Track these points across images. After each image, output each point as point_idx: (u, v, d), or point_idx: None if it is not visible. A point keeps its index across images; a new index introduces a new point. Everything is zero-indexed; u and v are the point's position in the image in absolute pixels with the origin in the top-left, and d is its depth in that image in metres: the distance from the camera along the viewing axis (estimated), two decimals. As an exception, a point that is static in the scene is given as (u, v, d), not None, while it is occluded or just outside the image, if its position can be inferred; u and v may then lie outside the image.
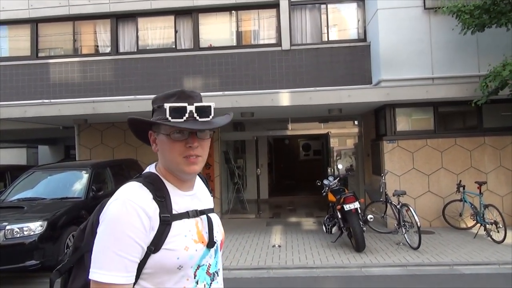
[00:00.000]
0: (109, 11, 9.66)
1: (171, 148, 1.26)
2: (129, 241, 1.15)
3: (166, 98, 1.29)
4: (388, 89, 7.71)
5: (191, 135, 1.26)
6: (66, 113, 8.13)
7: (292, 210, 11.06)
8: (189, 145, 1.25)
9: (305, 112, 9.03)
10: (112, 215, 1.17)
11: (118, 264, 1.13)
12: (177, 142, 1.25)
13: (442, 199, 7.99)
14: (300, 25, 9.60)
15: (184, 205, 1.30)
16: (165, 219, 1.21)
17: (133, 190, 1.23)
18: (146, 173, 1.33)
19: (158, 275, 1.21)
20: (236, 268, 5.94)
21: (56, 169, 7.46)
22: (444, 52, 8.08)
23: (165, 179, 1.30)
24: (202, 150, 1.29)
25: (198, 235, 1.29)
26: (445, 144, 8.10)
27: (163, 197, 1.25)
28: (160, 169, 1.33)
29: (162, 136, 1.28)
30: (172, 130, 1.25)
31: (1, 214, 5.95)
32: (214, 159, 9.73)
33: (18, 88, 9.81)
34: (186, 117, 1.23)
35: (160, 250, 1.19)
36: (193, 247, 1.25)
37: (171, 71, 9.50)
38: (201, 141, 1.28)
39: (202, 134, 1.29)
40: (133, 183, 1.27)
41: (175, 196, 1.29)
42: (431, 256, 6.07)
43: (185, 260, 1.22)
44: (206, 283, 1.30)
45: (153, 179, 1.29)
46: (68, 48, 10.17)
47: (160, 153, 1.31)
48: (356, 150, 10.50)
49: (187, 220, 1.28)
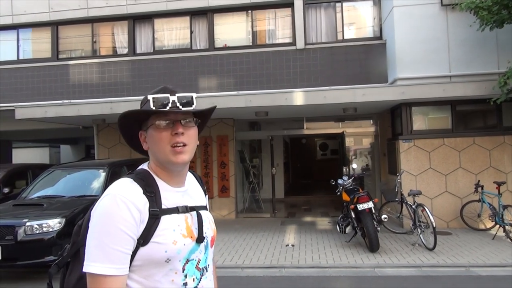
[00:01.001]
0: (126, 13, 9.85)
1: (158, 138, 1.31)
2: (121, 234, 1.19)
3: (151, 94, 1.34)
4: (404, 87, 7.60)
5: (176, 123, 1.31)
6: (85, 113, 8.32)
7: (308, 210, 11.03)
8: (175, 131, 1.30)
9: (320, 111, 9.00)
10: (104, 210, 1.21)
11: (111, 256, 1.17)
12: (164, 132, 1.30)
13: (460, 200, 7.83)
14: (314, 24, 9.57)
15: (174, 201, 1.34)
16: (154, 213, 1.26)
17: (124, 185, 1.28)
18: (138, 170, 1.38)
19: (147, 268, 1.24)
20: (249, 266, 5.97)
21: (75, 168, 7.66)
22: (462, 49, 7.92)
23: (156, 175, 1.35)
24: (188, 138, 1.33)
25: (187, 230, 1.32)
26: (463, 144, 7.93)
27: (153, 192, 1.29)
28: (151, 166, 1.38)
29: (150, 130, 1.33)
30: (158, 120, 1.31)
31: (22, 211, 6.16)
32: (229, 159, 9.80)
33: (39, 89, 10.10)
34: (169, 107, 1.29)
35: (149, 243, 1.23)
36: (182, 241, 1.28)
37: (187, 71, 9.62)
38: (186, 129, 1.33)
39: (187, 123, 1.34)
40: (124, 179, 1.31)
41: (165, 191, 1.33)
42: (447, 257, 5.96)
43: (173, 254, 1.26)
44: (195, 277, 1.33)
45: (144, 175, 1.34)
46: (87, 50, 10.42)
47: (150, 148, 1.36)
48: (372, 150, 10.39)
49: (177, 215, 1.32)
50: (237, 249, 6.86)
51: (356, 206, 6.45)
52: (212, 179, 9.81)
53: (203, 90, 9.44)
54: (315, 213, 10.46)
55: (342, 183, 7.39)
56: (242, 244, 7.20)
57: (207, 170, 9.82)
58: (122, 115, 1.35)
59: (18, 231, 5.53)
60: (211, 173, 9.81)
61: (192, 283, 1.31)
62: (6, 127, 10.98)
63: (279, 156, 13.07)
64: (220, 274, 5.75)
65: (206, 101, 7.96)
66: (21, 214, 5.93)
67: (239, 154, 10.51)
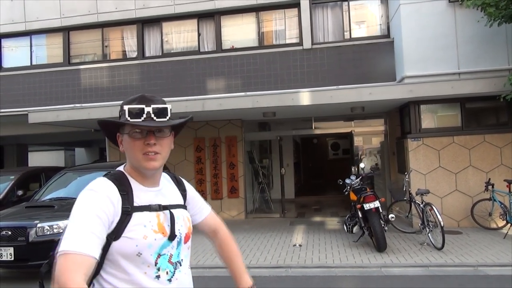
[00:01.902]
0: (135, 17, 9.99)
1: (132, 146, 1.40)
2: (97, 221, 1.27)
3: (128, 102, 1.42)
4: (412, 85, 7.54)
5: (149, 134, 1.39)
6: (95, 116, 8.46)
7: (318, 210, 11.01)
8: (147, 142, 1.38)
9: (327, 111, 8.98)
10: (82, 201, 1.31)
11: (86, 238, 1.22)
12: (137, 141, 1.39)
13: (471, 198, 7.71)
14: (321, 23, 9.55)
15: (146, 199, 1.42)
16: (126, 210, 1.34)
17: (100, 183, 1.38)
18: (113, 171, 1.47)
19: (120, 261, 1.32)
20: (256, 266, 6.00)
21: (85, 170, 7.81)
22: (471, 46, 7.81)
23: (130, 176, 1.44)
24: (160, 147, 1.41)
25: (158, 226, 1.39)
26: (473, 141, 7.81)
27: (125, 191, 1.38)
28: (127, 168, 1.47)
29: (125, 136, 1.42)
30: (132, 130, 1.39)
31: (34, 213, 6.32)
32: (238, 159, 9.85)
33: (52, 94, 10.33)
34: (144, 117, 1.36)
35: (121, 238, 1.32)
36: (152, 237, 1.36)
37: (195, 73, 9.71)
38: (159, 139, 1.41)
39: (161, 133, 1.42)
40: (101, 178, 1.41)
41: (138, 191, 1.42)
42: (455, 257, 5.89)
43: (144, 248, 1.34)
44: (169, 270, 1.41)
45: (118, 176, 1.43)
46: (97, 54, 10.61)
47: (126, 152, 1.44)
48: (381, 149, 10.31)
49: (148, 213, 1.40)
50: (245, 249, 6.90)
51: (363, 205, 6.43)
52: (222, 180, 9.88)
53: (211, 92, 9.52)
54: (325, 213, 10.44)
55: (349, 182, 7.37)
56: (250, 244, 7.24)
57: (216, 171, 9.89)
58: (98, 122, 1.45)
59: (30, 232, 5.67)
60: (220, 174, 9.88)
61: (165, 276, 1.39)
62: (22, 131, 11.24)
63: (289, 156, 13.07)
64: (226, 274, 5.79)
65: (214, 103, 8.06)
66: (33, 216, 6.08)
67: (248, 155, 10.55)
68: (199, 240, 7.42)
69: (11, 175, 8.32)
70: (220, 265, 6.03)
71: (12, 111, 10.35)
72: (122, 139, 1.45)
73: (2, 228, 5.75)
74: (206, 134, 9.99)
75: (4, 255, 5.58)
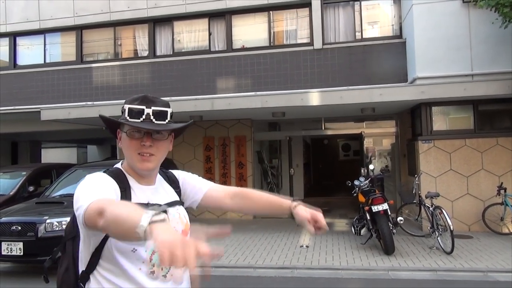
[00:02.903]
0: (146, 16, 10.06)
1: (128, 145, 1.41)
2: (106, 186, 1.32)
3: (130, 101, 1.42)
4: (423, 87, 7.43)
5: (147, 135, 1.40)
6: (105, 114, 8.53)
7: (327, 211, 10.92)
8: (143, 143, 1.38)
9: (337, 111, 8.92)
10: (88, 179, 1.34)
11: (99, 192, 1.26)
12: (134, 140, 1.40)
13: (482, 202, 7.57)
14: (333, 23, 9.48)
15: (143, 196, 1.43)
16: None
17: (102, 175, 1.40)
18: (111, 168, 1.48)
19: (115, 257, 1.33)
20: (261, 267, 5.99)
21: (95, 167, 7.88)
22: (485, 47, 7.66)
23: (127, 174, 1.45)
24: (156, 149, 1.42)
25: None
26: (485, 144, 7.67)
27: (123, 188, 1.40)
28: (124, 165, 1.48)
29: (123, 134, 1.43)
30: (130, 129, 1.39)
31: (44, 208, 6.40)
32: (247, 159, 9.85)
33: (64, 91, 10.47)
34: (143, 118, 1.37)
35: None
36: None
37: (205, 72, 9.73)
38: (156, 141, 1.41)
39: (158, 136, 1.42)
40: (100, 173, 1.42)
41: (136, 188, 1.44)
42: (465, 262, 5.79)
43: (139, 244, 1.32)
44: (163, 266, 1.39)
45: (116, 173, 1.44)
46: (109, 53, 10.72)
47: (122, 149, 1.46)
48: (392, 151, 10.19)
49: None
50: (251, 249, 6.89)
51: (371, 207, 6.35)
52: (230, 180, 9.88)
53: (220, 91, 9.53)
54: (334, 214, 10.36)
55: (358, 184, 7.29)
56: (257, 244, 7.22)
57: (225, 170, 9.90)
58: (101, 117, 1.49)
59: (39, 228, 5.75)
60: (229, 173, 9.89)
61: (160, 272, 1.39)
62: (35, 128, 11.41)
63: (298, 157, 13.01)
64: (232, 274, 5.81)
65: (223, 102, 8.07)
66: (43, 212, 6.16)
67: (257, 155, 10.54)
68: (206, 239, 7.46)
69: (23, 171, 8.46)
70: (226, 264, 6.05)
71: (26, 108, 10.52)
72: (121, 136, 1.46)
73: (12, 223, 5.85)
74: (215, 133, 10.01)
75: (14, 250, 5.67)
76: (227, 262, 6.18)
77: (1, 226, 5.85)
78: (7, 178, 8.45)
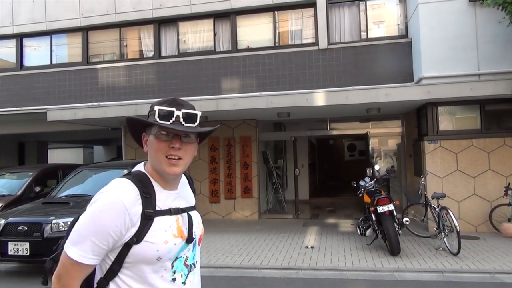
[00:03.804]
0: (152, 17, 10.09)
1: (156, 147, 1.39)
2: (106, 233, 1.28)
3: (159, 103, 1.41)
4: (429, 86, 7.38)
5: (176, 138, 1.38)
6: (111, 115, 8.59)
7: (332, 212, 10.91)
8: (172, 145, 1.37)
9: (343, 112, 8.89)
10: (98, 206, 1.31)
11: (91, 248, 1.28)
12: (162, 142, 1.38)
13: (489, 203, 7.50)
14: (338, 23, 9.45)
15: (167, 203, 1.42)
16: (148, 214, 1.34)
17: (122, 186, 1.35)
18: (135, 171, 1.45)
19: (138, 265, 1.33)
20: (266, 267, 5.97)
21: (101, 168, 7.93)
22: (492, 46, 7.59)
23: (152, 178, 1.42)
24: (184, 153, 1.40)
25: (177, 230, 1.40)
26: (492, 145, 7.60)
27: (149, 194, 1.37)
28: (148, 169, 1.45)
29: (151, 136, 1.41)
30: (159, 131, 1.38)
31: (50, 209, 6.44)
32: (252, 159, 9.84)
33: (70, 92, 10.54)
34: (172, 121, 1.36)
35: (142, 242, 1.32)
36: (172, 241, 1.37)
37: (210, 73, 9.75)
38: (185, 144, 1.40)
39: (187, 139, 1.40)
40: (123, 179, 1.39)
41: (160, 194, 1.41)
42: (472, 263, 5.73)
43: (164, 253, 1.35)
44: (183, 273, 1.42)
45: (141, 177, 1.41)
46: (115, 54, 10.76)
47: (149, 153, 1.43)
48: (398, 151, 10.14)
49: (169, 217, 1.40)
50: (256, 249, 6.88)
51: (377, 208, 6.32)
52: (235, 180, 9.88)
53: (225, 92, 9.54)
54: (339, 215, 10.33)
55: (363, 184, 7.26)
56: (262, 245, 7.21)
57: (230, 170, 9.90)
58: (126, 119, 1.45)
59: (45, 228, 5.78)
60: (234, 174, 9.89)
61: (180, 278, 1.40)
62: (42, 128, 11.50)
63: (304, 157, 12.99)
64: (236, 274, 5.81)
65: (228, 103, 8.07)
66: (49, 212, 6.19)
67: (262, 155, 10.53)
68: (210, 240, 7.46)
69: (30, 172, 8.51)
70: (231, 265, 6.04)
71: (32, 109, 10.59)
72: (147, 139, 1.44)
73: (18, 223, 5.89)
74: (220, 133, 10.01)
75: (21, 250, 5.70)
76: (232, 262, 6.17)
77: (8, 227, 5.89)
78: (14, 178, 8.52)
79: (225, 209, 9.97)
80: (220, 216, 9.95)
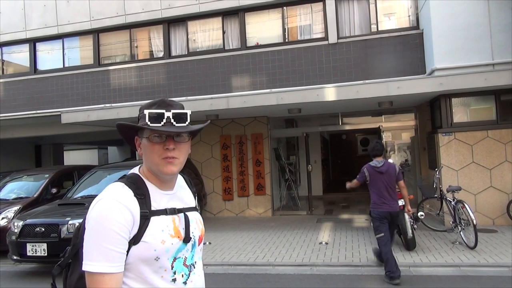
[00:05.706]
0: (161, 17, 10.14)
1: (151, 150, 1.39)
2: (115, 236, 1.28)
3: (148, 106, 1.41)
4: (442, 78, 7.25)
5: (168, 139, 1.39)
6: (124, 116, 8.67)
7: (346, 207, 10.85)
8: (166, 147, 1.38)
9: (354, 106, 8.81)
10: (99, 213, 1.31)
11: (108, 256, 1.27)
12: (156, 145, 1.39)
13: (507, 195, 7.36)
14: (347, 17, 9.35)
15: (162, 203, 1.42)
16: (144, 215, 1.35)
17: (116, 189, 1.37)
18: (129, 174, 1.47)
19: (138, 265, 1.34)
20: (280, 264, 5.97)
21: (114, 168, 8.02)
22: (506, 35, 7.42)
23: (146, 180, 1.43)
24: (179, 152, 1.41)
25: (174, 230, 1.41)
26: (509, 135, 7.44)
27: (143, 195, 1.38)
28: (143, 171, 1.46)
29: (144, 140, 1.41)
30: (151, 134, 1.39)
31: (66, 210, 6.56)
32: (264, 156, 9.83)
33: (83, 94, 10.68)
34: (163, 122, 1.36)
35: (139, 243, 1.32)
36: (169, 241, 1.37)
37: (220, 71, 9.76)
38: (178, 144, 1.41)
39: (179, 138, 1.41)
40: (116, 183, 1.41)
41: (155, 194, 1.42)
42: (489, 256, 5.64)
43: (162, 252, 1.35)
44: (184, 273, 1.42)
45: (135, 179, 1.42)
46: (125, 55, 10.86)
47: (143, 156, 1.44)
48: (412, 144, 10.01)
49: (165, 217, 1.40)
50: (270, 246, 6.88)
51: (391, 203, 6.24)
52: (248, 177, 9.89)
53: (236, 89, 9.54)
54: (353, 210, 10.27)
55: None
56: (276, 241, 7.21)
57: (243, 168, 9.91)
58: (117, 125, 1.45)
59: (62, 229, 5.89)
60: (246, 171, 9.90)
61: (181, 278, 1.41)
62: (57, 131, 11.68)
63: (316, 153, 12.93)
64: (250, 271, 5.82)
65: (238, 100, 8.07)
66: (65, 213, 6.31)
67: (275, 152, 10.51)
68: (224, 238, 7.50)
69: (46, 174, 8.66)
70: (245, 262, 6.06)
71: (47, 112, 10.77)
72: (140, 143, 1.45)
73: (36, 225, 6.01)
74: (232, 131, 10.03)
75: (38, 251, 5.82)
76: (246, 260, 6.19)
77: (26, 228, 6.02)
78: (31, 180, 8.67)
79: (238, 206, 10.00)
80: (233, 214, 9.99)
